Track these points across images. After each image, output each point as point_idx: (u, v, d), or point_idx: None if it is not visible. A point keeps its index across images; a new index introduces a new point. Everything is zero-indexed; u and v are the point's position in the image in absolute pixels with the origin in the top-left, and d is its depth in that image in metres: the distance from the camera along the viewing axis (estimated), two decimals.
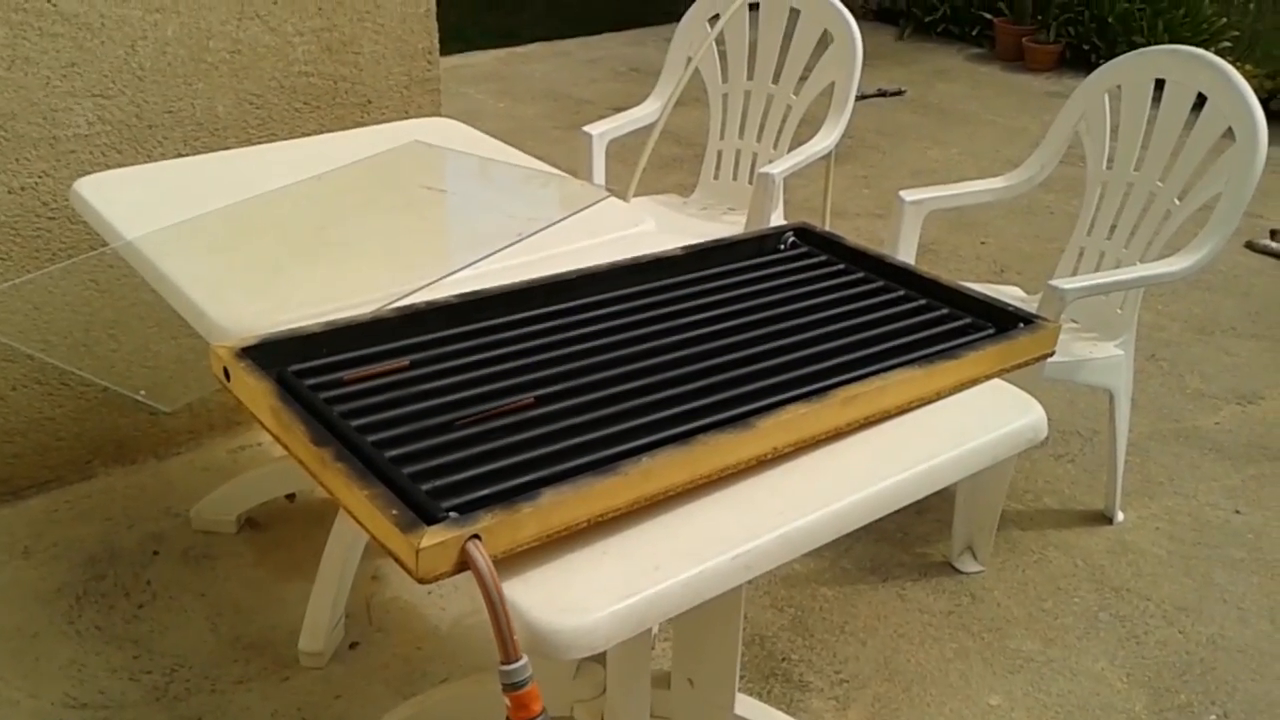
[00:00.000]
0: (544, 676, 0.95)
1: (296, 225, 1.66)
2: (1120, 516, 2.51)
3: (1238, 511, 2.56)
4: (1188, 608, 2.26)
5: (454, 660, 2.02)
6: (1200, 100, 2.29)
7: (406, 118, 2.64)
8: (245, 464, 2.53)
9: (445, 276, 1.50)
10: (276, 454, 2.55)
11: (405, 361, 1.22)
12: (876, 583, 2.29)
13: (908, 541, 2.42)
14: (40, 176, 2.20)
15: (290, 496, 2.41)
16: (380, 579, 2.21)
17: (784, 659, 2.08)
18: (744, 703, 1.74)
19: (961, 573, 2.33)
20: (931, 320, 1.38)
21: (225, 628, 2.07)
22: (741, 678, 2.02)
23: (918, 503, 2.58)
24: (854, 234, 1.84)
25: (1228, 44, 5.74)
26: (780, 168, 2.52)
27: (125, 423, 2.47)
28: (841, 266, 1.52)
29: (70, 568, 2.20)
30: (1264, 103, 2.26)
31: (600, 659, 1.66)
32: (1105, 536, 2.46)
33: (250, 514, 2.35)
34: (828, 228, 1.65)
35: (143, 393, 2.37)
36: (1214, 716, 2.00)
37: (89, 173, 1.90)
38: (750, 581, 2.27)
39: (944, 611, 2.22)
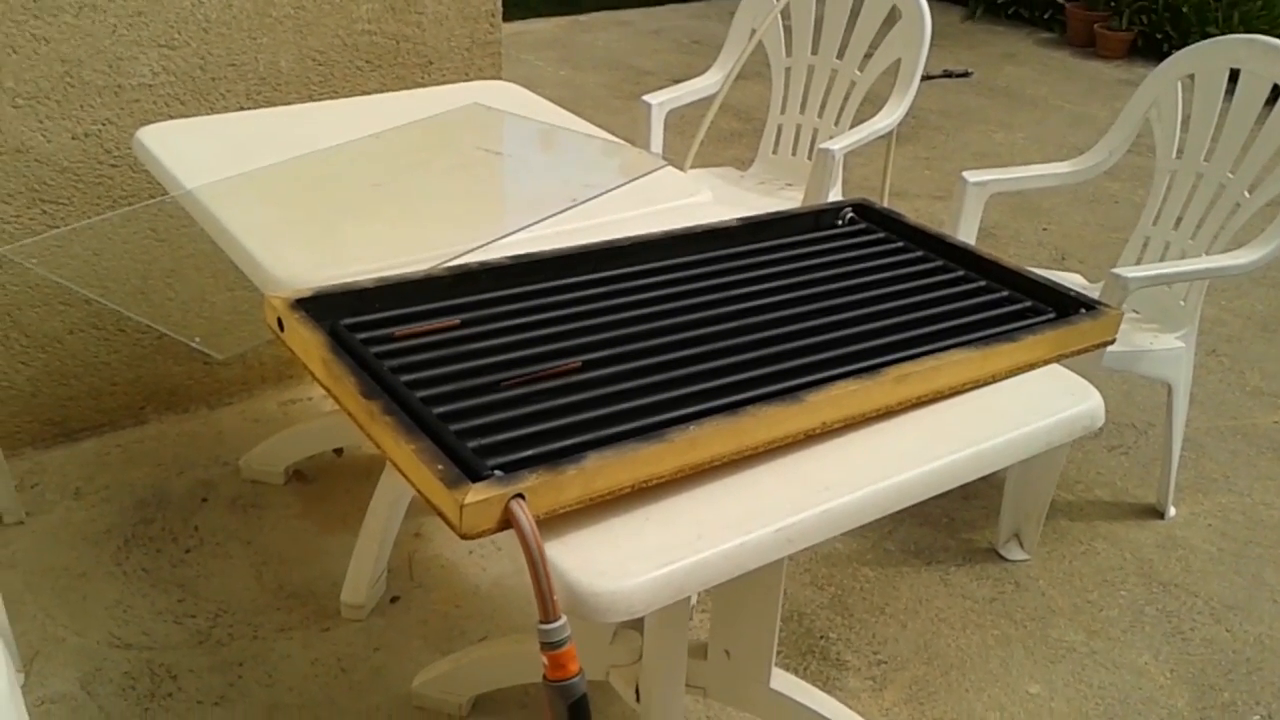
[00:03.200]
0: (581, 640, 0.95)
1: (354, 182, 1.67)
2: (1172, 511, 2.47)
3: None
4: (1236, 606, 2.22)
5: (492, 619, 2.03)
6: (1275, 92, 2.23)
7: (467, 80, 2.64)
8: (295, 417, 2.56)
9: (499, 239, 1.50)
10: (326, 408, 2.57)
11: (456, 320, 1.22)
12: (919, 566, 2.27)
13: (953, 526, 2.39)
14: (104, 124, 2.22)
15: (338, 451, 2.43)
16: (423, 536, 2.23)
17: (822, 637, 2.07)
18: (780, 677, 1.74)
19: (1007, 560, 2.30)
20: (990, 302, 1.35)
21: (269, 576, 2.10)
22: (779, 653, 2.01)
23: (965, 488, 2.56)
24: (913, 215, 1.80)
25: None
26: (841, 144, 2.49)
27: (179, 371, 2.50)
28: (900, 244, 1.50)
29: (120, 510, 2.23)
30: None
31: (638, 626, 1.66)
32: (1156, 531, 2.42)
33: (298, 466, 2.38)
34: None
35: (198, 340, 2.39)
36: (1258, 717, 1.96)
37: (152, 122, 1.92)
38: (791, 558, 2.26)
39: (987, 598, 2.20)
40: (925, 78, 5.52)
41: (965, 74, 5.71)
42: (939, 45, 6.07)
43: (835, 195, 2.59)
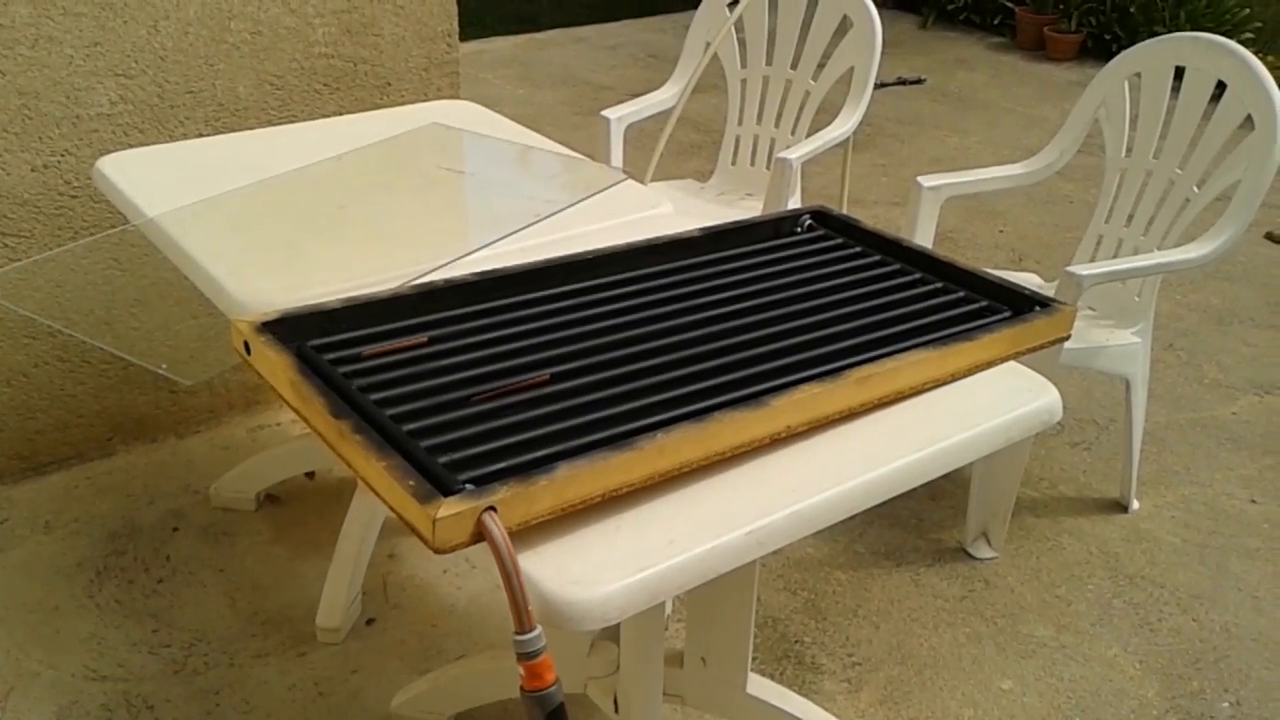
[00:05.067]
0: (558, 653, 0.96)
1: (316, 204, 1.68)
2: (1135, 505, 2.51)
3: (1254, 501, 2.56)
4: (1202, 596, 2.26)
5: (469, 637, 2.04)
6: (1220, 88, 2.28)
7: (425, 100, 2.65)
8: (264, 442, 2.56)
9: (464, 256, 1.51)
10: (295, 433, 2.57)
11: (424, 338, 1.23)
12: (890, 567, 2.30)
13: (922, 527, 2.42)
14: (63, 155, 2.21)
15: (309, 475, 2.43)
16: (397, 557, 2.23)
17: (797, 641, 2.09)
18: (756, 682, 1.75)
19: (975, 559, 2.33)
20: (947, 303, 1.38)
21: (243, 603, 2.09)
22: (754, 659, 2.03)
23: (932, 488, 2.59)
24: (872, 221, 1.83)
25: (1250, 35, 5.70)
26: (798, 153, 2.52)
27: (145, 400, 2.50)
28: (858, 249, 1.53)
29: (91, 543, 2.22)
30: None
31: (614, 637, 1.67)
32: (1120, 524, 2.46)
33: (269, 492, 2.37)
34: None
35: (164, 367, 2.39)
36: (1226, 704, 2.00)
37: (111, 151, 1.92)
38: (764, 564, 2.28)
39: (957, 597, 2.22)
40: (880, 85, 5.59)
41: (919, 81, 5.78)
42: (893, 53, 6.14)
43: (794, 204, 2.62)
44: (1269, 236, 4.04)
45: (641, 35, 6.51)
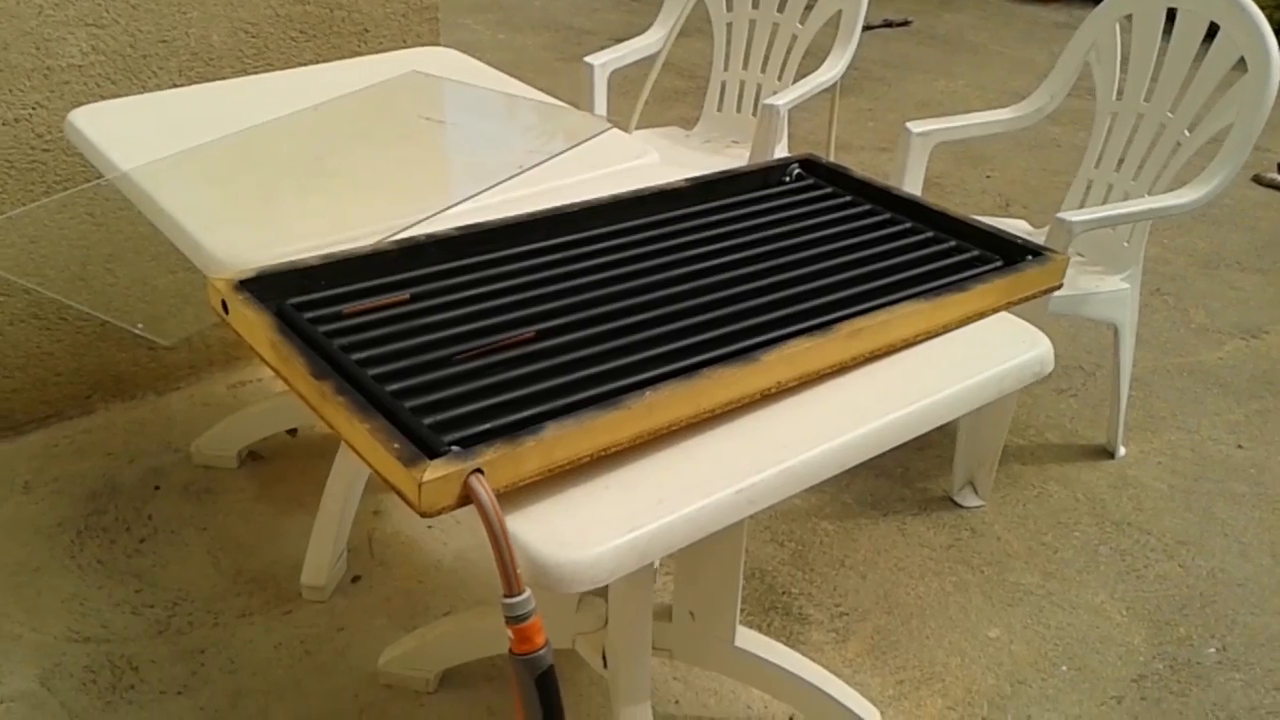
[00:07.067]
0: (546, 609, 0.94)
1: (294, 156, 1.64)
2: (1122, 451, 2.51)
3: (1240, 446, 2.56)
4: (1188, 542, 2.26)
5: (456, 594, 2.03)
6: (1213, 30, 2.25)
7: (404, 47, 2.60)
8: (246, 399, 2.53)
9: (445, 209, 1.48)
10: (277, 389, 2.54)
11: (406, 295, 1.20)
12: (877, 517, 2.29)
13: (909, 477, 2.42)
14: (34, 108, 2.16)
15: (292, 431, 2.40)
16: (382, 514, 2.21)
17: (784, 592, 2.09)
18: (744, 635, 1.75)
19: (962, 507, 2.33)
20: (938, 253, 1.36)
21: (227, 562, 2.08)
22: (742, 611, 2.03)
23: (919, 438, 2.58)
24: (859, 167, 1.82)
25: None
26: (785, 99, 2.48)
27: (124, 358, 2.46)
28: (848, 199, 1.50)
29: (71, 502, 2.20)
30: None
31: (603, 592, 1.66)
32: (1107, 471, 2.46)
33: (251, 448, 2.35)
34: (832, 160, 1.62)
35: (141, 326, 2.35)
36: (1213, 649, 2.01)
37: (84, 103, 1.87)
38: (751, 516, 2.28)
39: (944, 545, 2.22)
40: (866, 28, 5.52)
41: (905, 23, 5.72)
42: None
43: (781, 151, 2.59)
44: (1257, 179, 4.02)
45: None
